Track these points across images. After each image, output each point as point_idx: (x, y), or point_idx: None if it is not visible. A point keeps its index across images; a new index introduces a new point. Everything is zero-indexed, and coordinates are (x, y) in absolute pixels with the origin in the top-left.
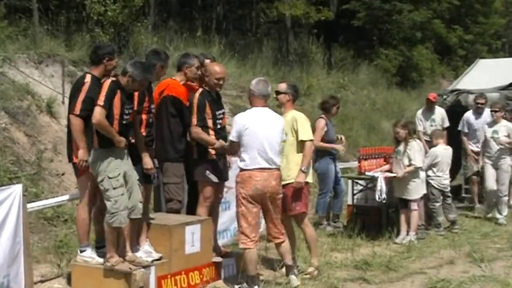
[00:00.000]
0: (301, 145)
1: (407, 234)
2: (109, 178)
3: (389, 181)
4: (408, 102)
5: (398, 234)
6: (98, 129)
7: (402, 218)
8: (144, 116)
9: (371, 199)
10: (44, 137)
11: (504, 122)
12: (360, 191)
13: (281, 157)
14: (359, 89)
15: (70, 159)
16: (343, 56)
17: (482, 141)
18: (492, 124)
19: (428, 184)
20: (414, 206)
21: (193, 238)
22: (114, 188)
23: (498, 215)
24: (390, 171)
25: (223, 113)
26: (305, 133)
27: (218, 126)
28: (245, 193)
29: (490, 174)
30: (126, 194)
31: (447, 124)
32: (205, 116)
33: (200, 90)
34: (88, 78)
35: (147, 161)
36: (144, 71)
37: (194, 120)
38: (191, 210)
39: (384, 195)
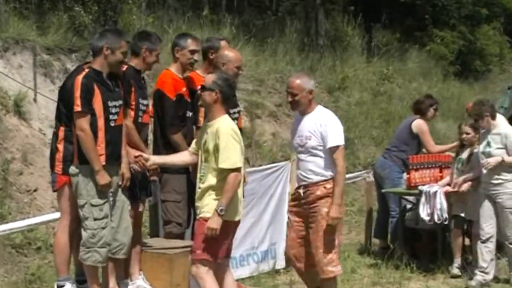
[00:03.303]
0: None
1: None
2: (92, 205)
3: (447, 197)
4: (470, 97)
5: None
6: (81, 144)
7: (456, 241)
8: (131, 114)
9: (423, 220)
10: (11, 143)
11: (497, 128)
12: (410, 209)
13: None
14: (407, 81)
15: (52, 169)
16: (387, 40)
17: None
18: (484, 134)
19: None
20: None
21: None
22: (95, 219)
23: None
24: (449, 185)
25: (238, 112)
26: (228, 158)
27: None
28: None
29: (486, 211)
30: (109, 228)
31: None
32: None
33: None
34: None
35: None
36: (118, 34)
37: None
38: None
39: (445, 215)
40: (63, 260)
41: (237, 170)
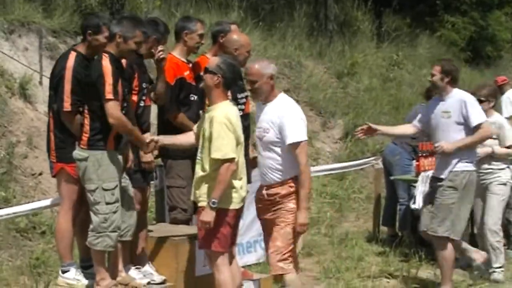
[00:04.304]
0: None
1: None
2: (104, 190)
3: None
4: None
5: None
6: (120, 130)
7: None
8: (133, 98)
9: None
10: (17, 126)
11: (493, 117)
12: None
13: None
14: (417, 68)
15: (49, 155)
16: (397, 25)
17: None
18: None
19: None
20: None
21: (205, 255)
22: (107, 203)
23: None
24: None
25: (246, 97)
26: (220, 148)
27: (240, 113)
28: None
29: (478, 203)
30: (120, 211)
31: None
32: None
33: None
34: (71, 61)
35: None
36: (135, 24)
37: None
38: None
39: None
40: (65, 245)
41: (229, 160)
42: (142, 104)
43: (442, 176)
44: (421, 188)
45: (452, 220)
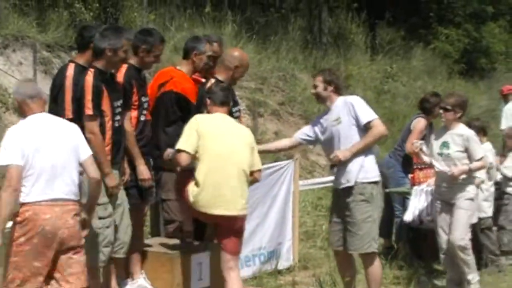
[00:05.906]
0: None
1: None
2: (97, 204)
3: None
4: (475, 96)
5: None
6: (91, 147)
7: None
8: (133, 113)
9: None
10: None
11: (459, 129)
12: None
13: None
14: (411, 80)
15: None
16: (391, 38)
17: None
18: (441, 132)
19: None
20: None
21: (201, 269)
22: (100, 218)
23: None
24: None
25: (239, 111)
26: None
27: None
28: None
29: (442, 218)
30: (113, 226)
31: None
32: None
33: (213, 81)
34: (70, 70)
35: (143, 170)
36: (119, 33)
37: None
38: (199, 233)
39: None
40: None
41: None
42: (142, 118)
43: (345, 186)
44: (415, 202)
45: (372, 233)
